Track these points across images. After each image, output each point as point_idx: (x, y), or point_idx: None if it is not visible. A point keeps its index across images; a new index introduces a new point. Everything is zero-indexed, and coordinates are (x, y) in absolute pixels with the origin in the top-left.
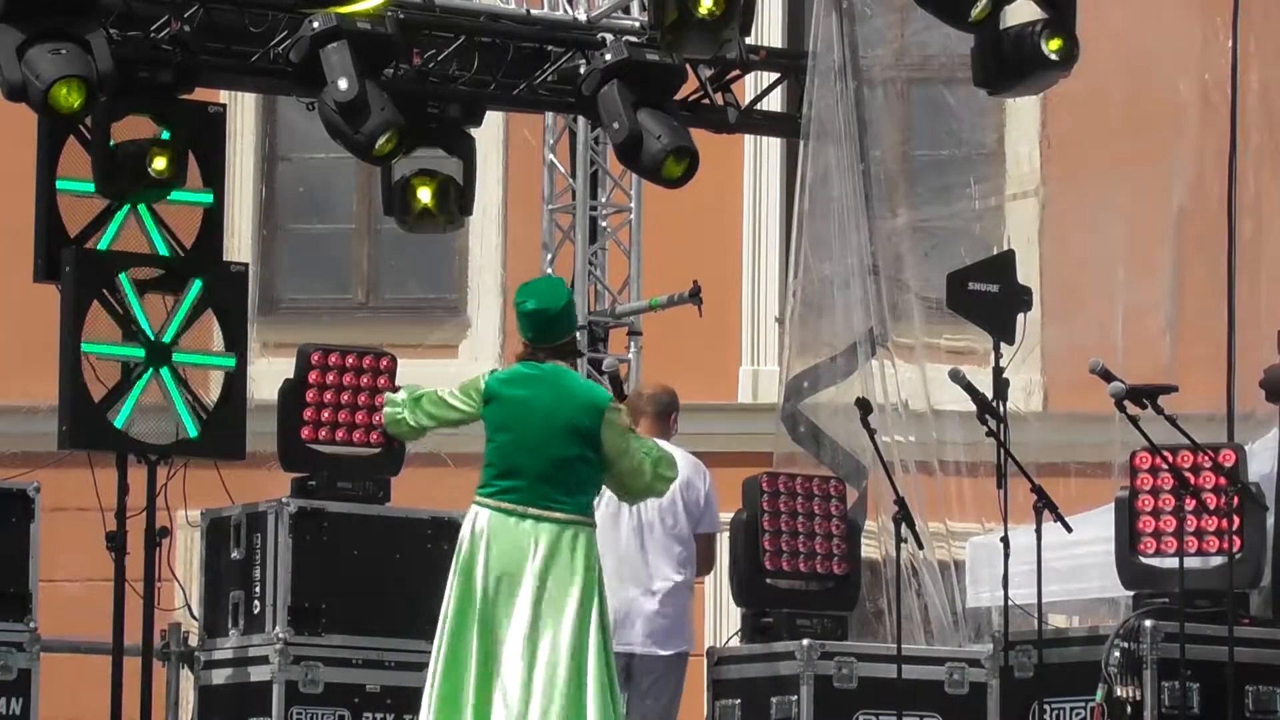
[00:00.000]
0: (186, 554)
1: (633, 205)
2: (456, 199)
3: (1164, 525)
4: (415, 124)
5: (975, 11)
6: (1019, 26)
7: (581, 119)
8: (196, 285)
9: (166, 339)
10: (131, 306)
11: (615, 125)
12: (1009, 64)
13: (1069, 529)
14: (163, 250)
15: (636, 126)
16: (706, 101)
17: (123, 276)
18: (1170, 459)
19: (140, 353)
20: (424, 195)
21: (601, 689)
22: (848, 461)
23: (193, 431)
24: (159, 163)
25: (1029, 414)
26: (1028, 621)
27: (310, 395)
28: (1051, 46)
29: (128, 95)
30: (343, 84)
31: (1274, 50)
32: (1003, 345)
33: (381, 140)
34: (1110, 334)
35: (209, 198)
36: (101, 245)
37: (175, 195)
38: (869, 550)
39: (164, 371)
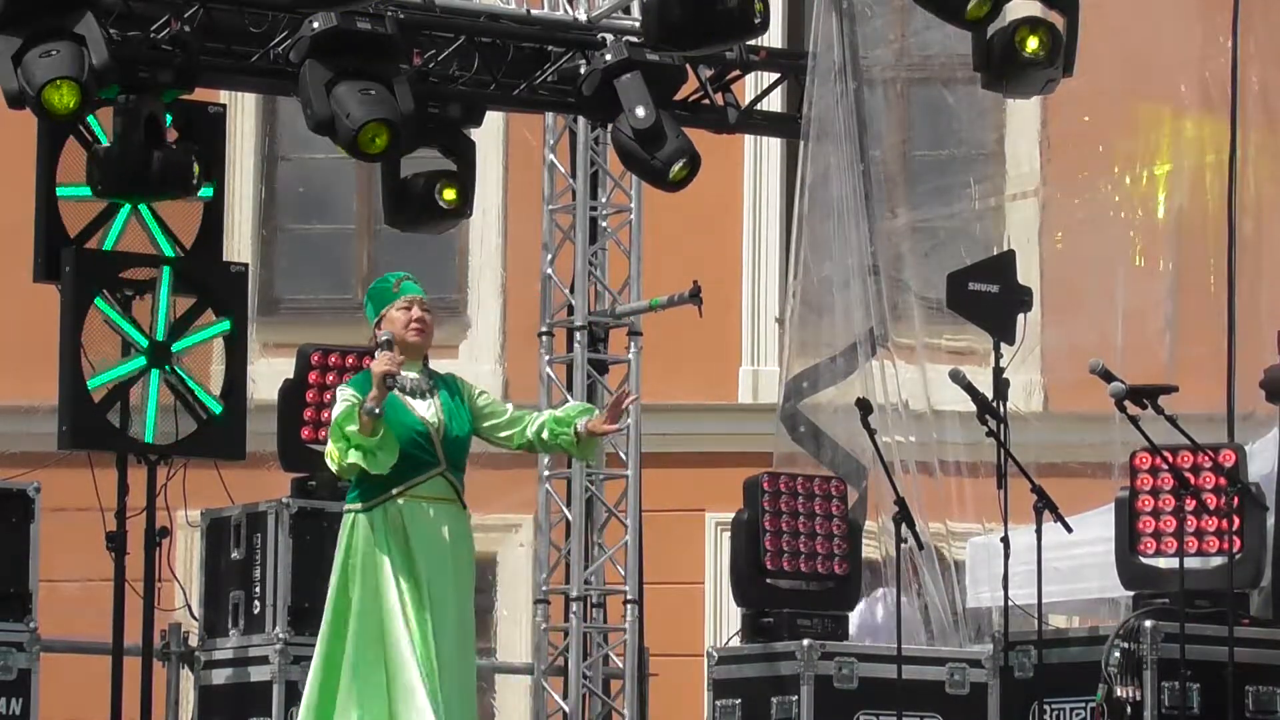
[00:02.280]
0: (186, 554)
1: (633, 205)
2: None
3: (1164, 525)
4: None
5: (969, 8)
6: (1009, 25)
7: (581, 119)
8: (224, 325)
9: (161, 337)
10: (122, 320)
11: (640, 111)
12: (1002, 64)
13: (1069, 529)
14: (164, 250)
15: (660, 117)
16: (706, 101)
17: (98, 302)
18: (1170, 459)
19: (141, 361)
20: (450, 195)
21: None
22: (848, 462)
23: (149, 437)
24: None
25: (1029, 414)
26: (1028, 621)
27: (310, 395)
28: (1028, 48)
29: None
30: (315, 105)
31: (1274, 50)
32: (1003, 345)
33: (367, 135)
34: (1110, 334)
35: (209, 192)
36: (106, 245)
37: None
38: (869, 550)
39: (154, 373)
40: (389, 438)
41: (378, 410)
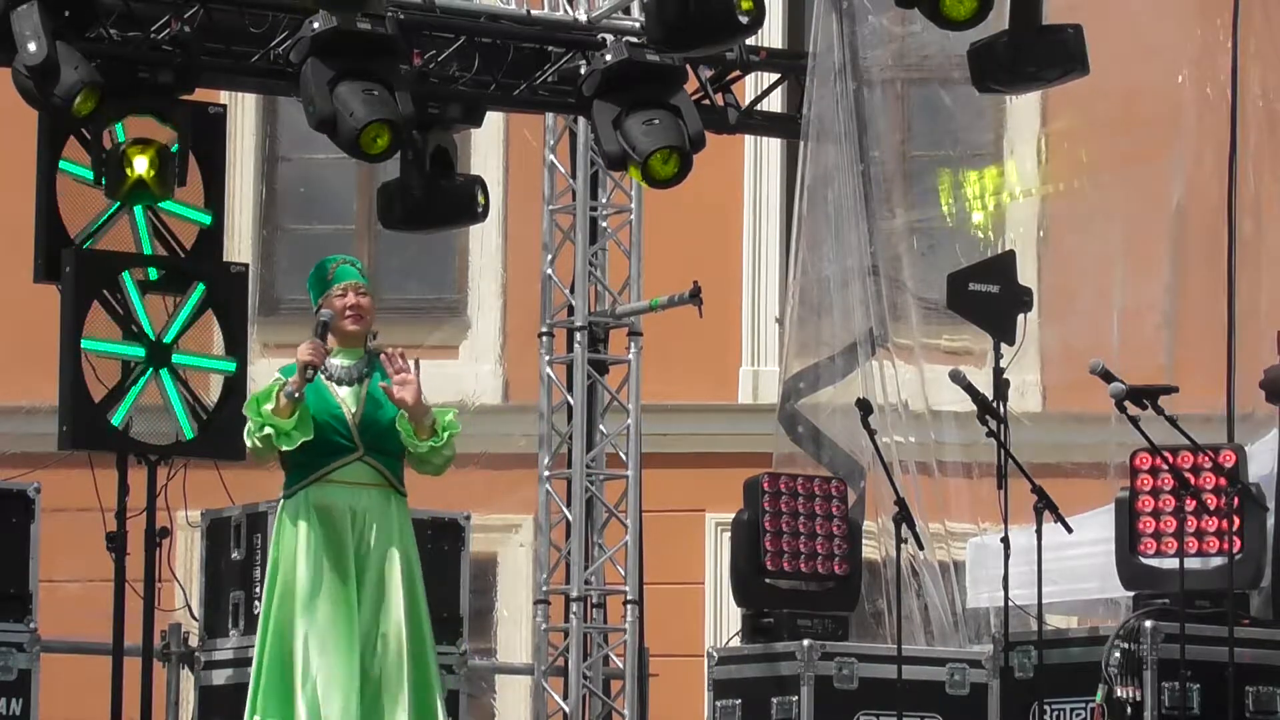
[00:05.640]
0: (186, 554)
1: (633, 205)
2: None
3: (1164, 526)
4: (420, 117)
5: (945, 6)
6: (1064, 28)
7: (582, 119)
8: (200, 288)
9: (167, 340)
10: (134, 306)
11: (598, 147)
12: (1041, 59)
13: (1069, 529)
14: (164, 251)
15: (615, 145)
16: (706, 102)
17: (125, 275)
18: (1170, 459)
19: (141, 352)
20: (140, 164)
21: None
22: (847, 462)
23: (189, 433)
24: (139, 162)
25: (1023, 414)
26: (1028, 622)
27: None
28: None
29: (128, 96)
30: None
31: (1274, 50)
32: (1002, 346)
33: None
34: (1108, 334)
35: (208, 219)
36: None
37: (175, 209)
38: (869, 551)
39: (163, 372)
40: (305, 417)
41: (297, 395)
